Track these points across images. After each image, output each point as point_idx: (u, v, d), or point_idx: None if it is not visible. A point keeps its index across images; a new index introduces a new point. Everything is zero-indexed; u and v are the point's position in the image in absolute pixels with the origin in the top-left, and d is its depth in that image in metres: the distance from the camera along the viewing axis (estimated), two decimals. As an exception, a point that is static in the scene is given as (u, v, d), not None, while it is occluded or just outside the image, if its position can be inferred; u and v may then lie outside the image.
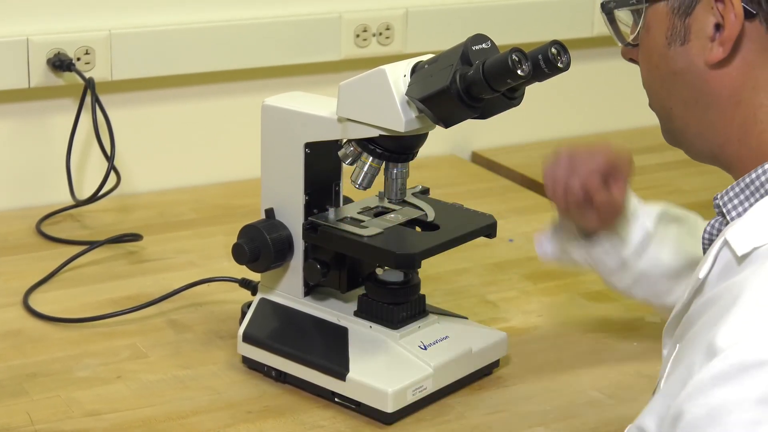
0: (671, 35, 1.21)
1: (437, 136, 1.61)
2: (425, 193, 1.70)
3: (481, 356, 1.62)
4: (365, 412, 1.53)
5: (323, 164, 1.61)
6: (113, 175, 2.07)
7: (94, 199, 2.09)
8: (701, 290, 1.19)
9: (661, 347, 1.26)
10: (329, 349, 1.57)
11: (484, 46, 1.45)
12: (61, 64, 2.09)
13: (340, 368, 1.54)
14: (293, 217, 1.61)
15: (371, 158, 1.52)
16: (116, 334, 1.73)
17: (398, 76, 1.46)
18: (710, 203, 1.22)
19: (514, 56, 1.39)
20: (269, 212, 1.62)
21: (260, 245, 1.60)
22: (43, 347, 1.69)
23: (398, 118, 1.45)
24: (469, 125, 1.54)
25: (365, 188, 1.54)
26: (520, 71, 1.39)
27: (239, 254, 1.61)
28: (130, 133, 2.21)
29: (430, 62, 1.47)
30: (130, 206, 2.19)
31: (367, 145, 1.52)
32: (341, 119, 1.51)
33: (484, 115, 1.47)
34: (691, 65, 1.20)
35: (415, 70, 1.47)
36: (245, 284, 1.74)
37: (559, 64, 1.42)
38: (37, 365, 1.64)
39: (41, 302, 1.81)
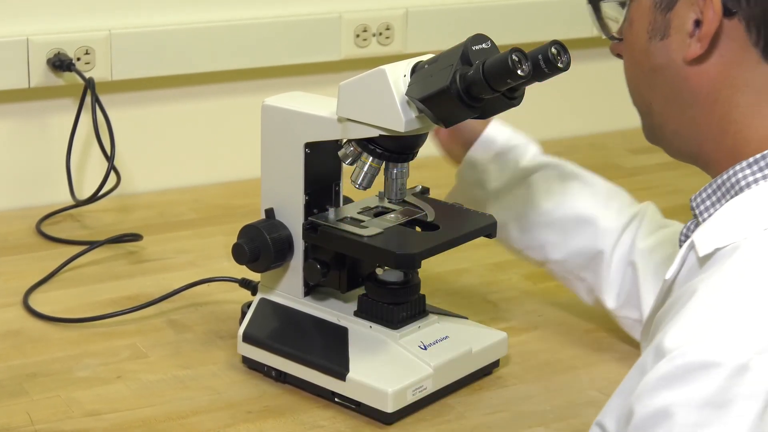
0: (652, 30, 1.21)
1: (437, 136, 1.62)
2: (425, 193, 1.70)
3: (481, 356, 1.62)
4: (365, 412, 1.53)
5: (323, 164, 1.61)
6: (113, 175, 2.07)
7: (94, 199, 2.09)
8: (671, 292, 1.19)
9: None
10: (329, 349, 1.57)
11: (484, 46, 1.45)
12: (61, 64, 2.09)
13: (340, 368, 1.54)
14: (293, 217, 1.61)
15: (371, 158, 1.52)
16: (116, 334, 1.73)
17: (398, 76, 1.46)
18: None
19: (514, 56, 1.39)
20: (269, 212, 1.62)
21: (260, 245, 1.59)
22: (43, 347, 1.69)
23: (398, 118, 1.45)
24: (469, 125, 1.54)
25: (365, 188, 1.54)
26: (520, 71, 1.39)
27: (239, 254, 1.61)
28: (130, 133, 2.21)
29: (430, 62, 1.47)
30: (130, 206, 2.18)
31: (367, 145, 1.52)
32: (341, 119, 1.51)
33: (484, 115, 1.47)
34: (670, 61, 1.20)
35: (415, 70, 1.47)
36: (245, 284, 1.74)
37: (559, 64, 1.42)
38: (37, 365, 1.64)
39: (41, 302, 1.80)
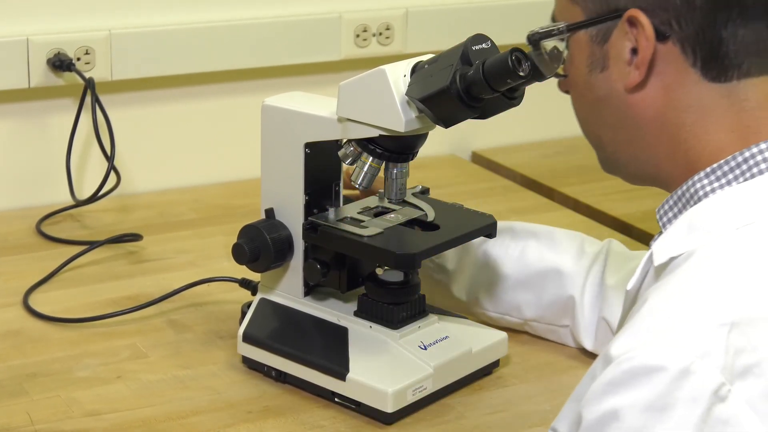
0: (591, 63, 1.22)
1: (437, 136, 1.61)
2: (425, 193, 1.70)
3: (481, 356, 1.62)
4: (365, 412, 1.53)
5: (323, 164, 1.61)
6: (113, 175, 2.07)
7: (94, 199, 2.09)
8: (635, 302, 1.20)
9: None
10: (329, 349, 1.57)
11: (484, 46, 1.45)
12: (61, 64, 2.09)
13: (340, 368, 1.54)
14: (293, 217, 1.61)
15: (371, 158, 1.52)
16: (116, 334, 1.73)
17: (398, 76, 1.46)
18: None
19: (514, 56, 1.39)
20: (269, 212, 1.62)
21: (260, 245, 1.59)
22: (43, 347, 1.69)
23: (398, 118, 1.45)
24: (469, 125, 1.54)
25: (365, 188, 1.54)
26: (520, 71, 1.39)
27: (239, 254, 1.61)
28: (130, 133, 2.21)
29: (430, 62, 1.47)
30: (130, 206, 2.18)
31: (367, 145, 1.52)
32: (341, 119, 1.51)
33: (484, 115, 1.47)
34: (612, 90, 1.21)
35: (415, 70, 1.47)
36: (245, 284, 1.74)
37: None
38: (37, 365, 1.64)
39: (41, 302, 1.80)
